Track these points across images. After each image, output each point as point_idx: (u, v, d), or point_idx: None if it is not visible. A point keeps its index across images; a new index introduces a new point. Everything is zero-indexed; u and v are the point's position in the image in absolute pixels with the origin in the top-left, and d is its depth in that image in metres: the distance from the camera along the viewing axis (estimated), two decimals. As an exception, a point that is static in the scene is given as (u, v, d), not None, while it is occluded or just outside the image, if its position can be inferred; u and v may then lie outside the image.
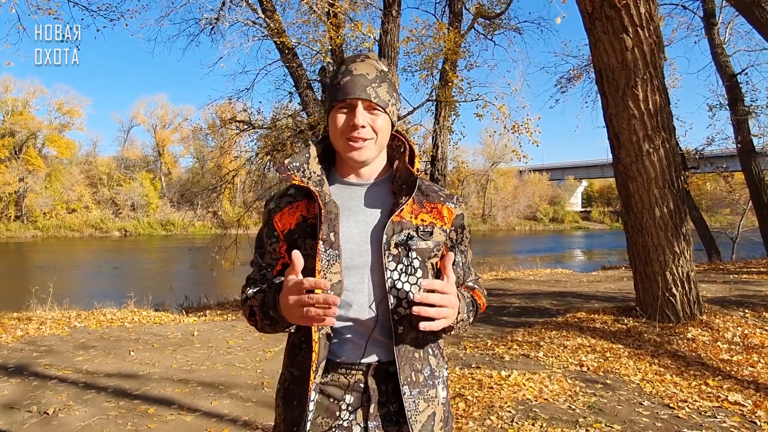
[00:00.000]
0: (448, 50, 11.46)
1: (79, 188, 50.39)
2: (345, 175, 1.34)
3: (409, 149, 1.36)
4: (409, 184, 1.30)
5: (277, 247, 1.32)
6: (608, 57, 5.02)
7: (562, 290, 8.52)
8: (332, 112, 1.27)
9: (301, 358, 1.27)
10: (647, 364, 4.41)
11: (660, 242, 5.37)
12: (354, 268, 1.25)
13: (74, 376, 4.30)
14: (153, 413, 3.56)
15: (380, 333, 1.26)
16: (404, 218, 1.28)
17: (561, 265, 19.70)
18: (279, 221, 1.31)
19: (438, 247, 1.32)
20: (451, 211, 1.35)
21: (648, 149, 5.16)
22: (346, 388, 1.26)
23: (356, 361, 1.26)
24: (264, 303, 1.22)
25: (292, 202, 1.31)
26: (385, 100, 1.26)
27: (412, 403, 1.25)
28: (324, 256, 1.21)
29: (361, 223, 1.28)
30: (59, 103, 53.73)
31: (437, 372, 1.34)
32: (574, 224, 62.81)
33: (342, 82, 1.24)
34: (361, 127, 1.23)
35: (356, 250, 1.26)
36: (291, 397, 1.28)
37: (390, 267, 1.24)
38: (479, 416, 3.39)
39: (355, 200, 1.31)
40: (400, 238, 1.26)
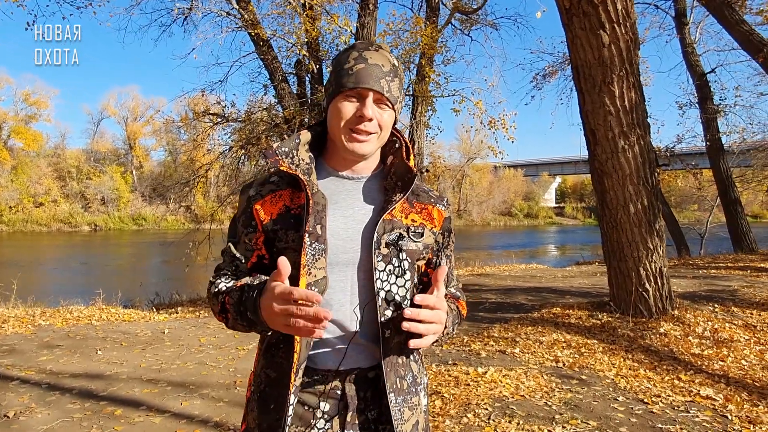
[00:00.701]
0: (425, 45, 11.41)
1: (46, 181, 48.98)
2: (335, 167, 1.26)
3: (404, 145, 1.30)
4: (405, 181, 1.23)
5: (254, 238, 1.22)
6: (585, 53, 5.03)
7: (537, 285, 8.58)
8: (338, 98, 1.17)
9: (279, 359, 1.18)
10: (621, 359, 4.45)
11: (634, 238, 5.42)
12: (337, 265, 1.18)
13: (37, 376, 4.13)
14: (120, 415, 3.44)
15: (363, 337, 1.19)
16: (395, 217, 1.22)
17: (535, 260, 19.91)
18: (260, 210, 1.21)
19: (426, 250, 1.27)
20: (441, 214, 1.30)
21: (623, 146, 5.19)
22: (321, 394, 1.19)
23: (334, 367, 1.19)
24: (241, 303, 1.13)
25: (275, 191, 1.22)
26: (395, 96, 1.20)
27: (398, 412, 1.18)
28: (309, 250, 1.13)
29: (348, 219, 1.21)
30: (26, 93, 52.08)
31: (419, 378, 1.29)
32: (548, 220, 63.66)
33: (355, 68, 1.15)
34: (368, 119, 1.15)
35: (342, 246, 1.18)
36: (267, 401, 1.19)
37: (379, 267, 1.18)
38: (456, 414, 3.35)
39: (344, 194, 1.24)
40: (391, 237, 1.20)
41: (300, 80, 13.48)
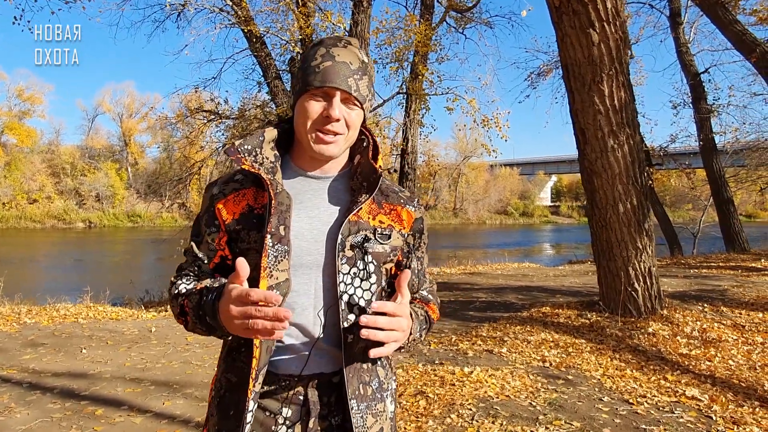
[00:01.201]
0: (418, 42, 11.38)
1: (40, 178, 48.73)
2: (301, 166, 1.22)
3: (372, 144, 1.26)
4: (371, 181, 1.20)
5: (217, 238, 1.19)
6: (575, 52, 5.00)
7: (528, 284, 8.57)
8: (304, 97, 1.13)
9: (240, 363, 1.15)
10: (608, 359, 4.44)
11: (623, 238, 5.41)
12: (301, 268, 1.14)
13: (19, 375, 4.09)
14: (101, 415, 3.40)
15: (326, 341, 1.15)
16: (362, 218, 1.18)
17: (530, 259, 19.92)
18: (222, 209, 1.18)
19: (394, 252, 1.23)
20: (411, 215, 1.26)
21: (613, 145, 5.18)
22: (283, 400, 1.16)
23: (296, 372, 1.15)
24: (200, 307, 1.10)
25: (238, 189, 1.18)
26: (364, 95, 1.16)
27: (360, 419, 1.15)
28: (271, 251, 1.09)
29: (313, 220, 1.17)
30: (19, 89, 51.76)
31: (386, 384, 1.25)
32: (544, 218, 63.76)
33: (322, 66, 1.11)
34: (335, 120, 1.12)
35: (306, 248, 1.15)
36: (227, 406, 1.16)
37: (343, 270, 1.14)
38: (440, 414, 3.33)
39: (310, 194, 1.20)
40: (357, 239, 1.16)
41: (294, 77, 13.45)
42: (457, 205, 59.51)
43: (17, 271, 17.63)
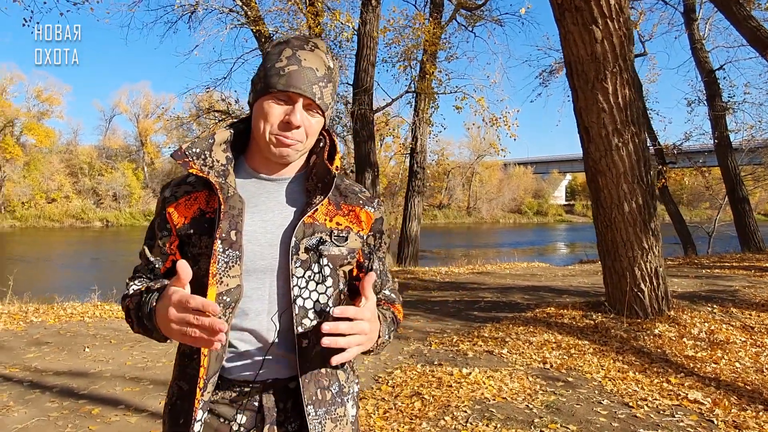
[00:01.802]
0: (426, 41, 11.34)
1: (59, 177, 49.49)
2: (256, 168, 1.19)
3: (329, 144, 1.23)
4: (325, 183, 1.16)
5: (168, 242, 1.17)
6: (578, 49, 4.93)
7: (536, 284, 8.49)
8: (265, 98, 1.10)
9: (191, 370, 1.13)
10: (611, 361, 4.36)
11: (629, 237, 5.32)
12: (254, 272, 1.12)
13: (21, 374, 4.14)
14: (97, 414, 3.42)
15: (281, 347, 1.13)
16: (317, 220, 1.15)
17: (543, 258, 19.76)
18: (173, 213, 1.15)
19: (352, 255, 1.20)
20: (370, 216, 1.23)
21: (617, 143, 5.09)
22: (238, 406, 1.14)
23: (251, 378, 1.13)
24: (140, 308, 1.08)
25: (190, 193, 1.16)
26: (327, 103, 1.13)
27: (318, 425, 1.13)
28: (222, 257, 1.07)
29: (267, 223, 1.14)
30: (38, 90, 52.59)
31: (346, 388, 1.22)
32: (558, 217, 63.25)
33: (287, 69, 1.08)
34: (296, 127, 1.09)
35: (259, 252, 1.12)
36: (178, 414, 1.14)
37: (297, 274, 1.12)
38: (434, 416, 3.30)
39: (264, 196, 1.17)
40: (311, 242, 1.13)
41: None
42: (471, 204, 59.26)
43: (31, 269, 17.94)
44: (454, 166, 56.18)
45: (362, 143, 11.39)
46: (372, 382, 3.98)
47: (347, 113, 12.90)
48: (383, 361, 4.50)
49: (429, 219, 53.97)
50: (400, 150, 14.90)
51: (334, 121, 14.09)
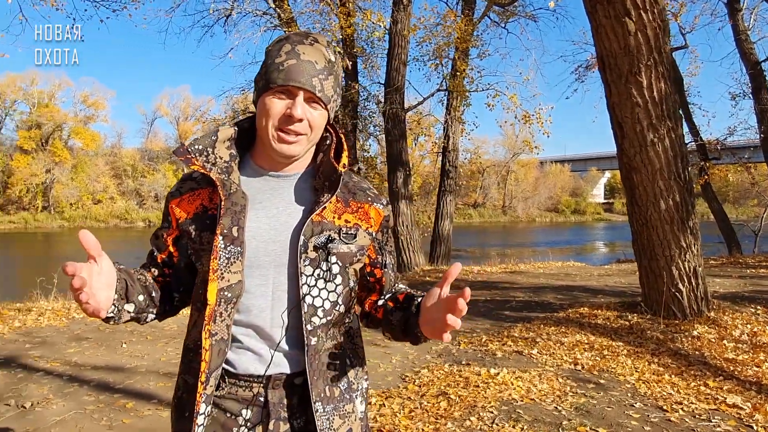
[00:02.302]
0: (458, 39, 11.24)
1: (104, 179, 51.32)
2: (261, 165, 1.20)
3: (336, 141, 1.23)
4: (332, 180, 1.16)
5: (166, 234, 1.20)
6: (610, 42, 4.80)
7: (570, 284, 8.32)
8: (266, 94, 1.10)
9: (195, 364, 1.13)
10: (646, 363, 4.24)
11: (665, 236, 5.16)
12: (258, 269, 1.13)
13: (61, 368, 4.30)
14: (131, 408, 3.52)
15: (288, 343, 1.14)
16: (326, 218, 1.15)
17: (580, 257, 19.34)
18: (176, 208, 1.18)
19: (361, 252, 1.20)
20: (379, 213, 1.23)
21: (653, 139, 4.94)
22: (244, 401, 1.15)
23: (257, 373, 1.14)
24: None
25: (194, 189, 1.18)
26: (328, 96, 1.13)
27: (326, 421, 1.13)
28: (223, 253, 1.09)
29: (272, 219, 1.15)
30: (84, 95, 54.76)
31: (355, 384, 1.22)
32: (596, 216, 61.81)
33: (286, 64, 1.08)
34: (298, 120, 1.09)
35: (263, 248, 1.13)
36: (184, 407, 1.16)
37: (306, 272, 1.12)
38: (459, 417, 3.27)
39: (269, 193, 1.18)
40: (320, 240, 1.13)
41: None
42: (506, 202, 58.55)
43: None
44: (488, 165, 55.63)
45: (394, 142, 11.39)
46: (399, 381, 3.97)
47: (379, 112, 12.93)
48: (411, 360, 4.48)
49: (463, 218, 53.57)
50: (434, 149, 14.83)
51: (367, 120, 14.15)
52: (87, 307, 0.97)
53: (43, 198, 48.68)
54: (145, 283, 1.18)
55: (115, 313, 1.08)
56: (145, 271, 1.22)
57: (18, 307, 6.45)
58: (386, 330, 1.28)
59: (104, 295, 1.01)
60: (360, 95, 13.08)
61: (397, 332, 1.24)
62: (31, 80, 51.60)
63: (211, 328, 1.09)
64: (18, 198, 47.70)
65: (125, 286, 1.10)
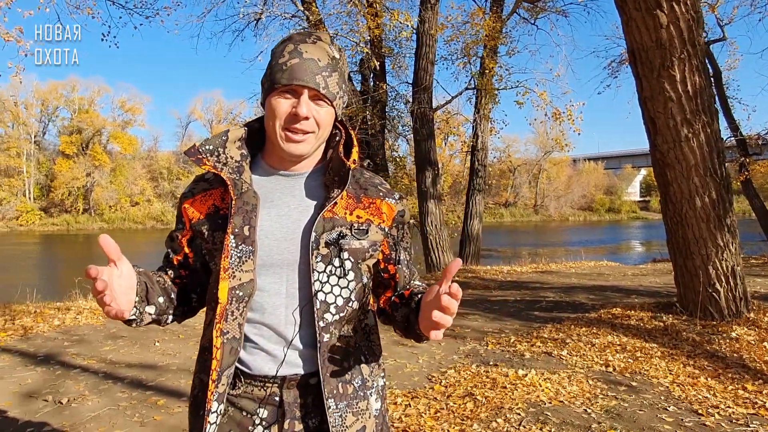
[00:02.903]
0: (486, 36, 11.14)
1: (141, 182, 52.77)
2: (272, 164, 1.21)
3: (345, 137, 1.23)
4: (341, 176, 1.16)
5: (181, 235, 1.22)
6: (641, 36, 4.68)
7: (602, 284, 8.14)
8: (272, 95, 1.11)
9: (209, 363, 1.14)
10: (681, 366, 4.11)
11: (701, 234, 4.99)
12: (271, 267, 1.13)
13: (97, 365, 4.43)
14: (162, 405, 3.60)
15: (301, 341, 1.14)
16: (337, 214, 1.15)
17: (614, 256, 18.93)
18: (188, 208, 1.20)
19: (374, 248, 1.19)
20: (392, 208, 1.22)
21: (687, 134, 4.79)
22: (259, 401, 1.15)
23: (271, 373, 1.14)
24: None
25: (206, 189, 1.20)
26: (333, 92, 1.12)
27: (338, 418, 1.13)
28: (235, 252, 1.10)
29: (283, 218, 1.15)
30: (122, 100, 56.46)
31: (370, 382, 1.22)
32: (632, 214, 60.34)
33: (289, 63, 1.09)
34: (304, 118, 1.09)
35: (275, 246, 1.13)
36: (199, 406, 1.17)
37: (318, 269, 1.12)
38: (486, 418, 3.23)
39: (280, 192, 1.18)
40: (331, 236, 1.13)
41: (364, 78, 13.61)
42: (538, 201, 57.71)
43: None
44: (520, 163, 54.98)
45: (422, 142, 11.35)
46: (425, 381, 3.95)
47: (407, 112, 12.91)
48: (437, 360, 4.46)
49: (494, 217, 53.05)
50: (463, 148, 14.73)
51: (396, 120, 14.14)
52: (109, 309, 0.98)
53: (84, 201, 50.37)
54: (164, 285, 1.20)
55: (136, 315, 1.10)
56: (162, 273, 1.24)
57: (58, 306, 6.68)
58: (394, 327, 1.27)
59: (126, 298, 1.03)
60: (388, 95, 13.09)
61: (401, 329, 1.23)
62: (72, 87, 53.55)
63: (222, 326, 1.10)
64: (60, 201, 49.49)
65: (145, 288, 1.12)
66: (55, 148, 53.13)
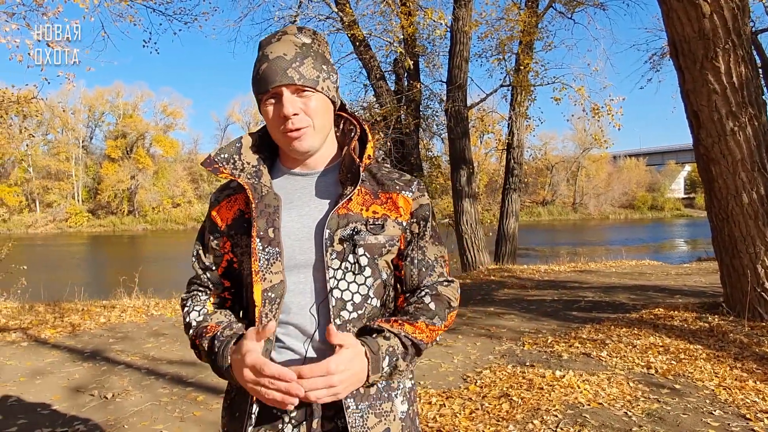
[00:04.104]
0: (522, 32, 10.97)
1: (182, 184, 54.21)
2: (289, 165, 1.22)
3: (360, 132, 1.23)
4: (354, 172, 1.16)
5: (221, 243, 1.21)
6: (683, 27, 4.52)
7: (644, 284, 7.91)
8: (261, 105, 1.14)
9: None
10: (727, 368, 3.95)
11: (749, 232, 4.79)
12: (296, 267, 1.13)
13: (140, 362, 4.57)
14: (201, 401, 3.69)
15: (321, 339, 1.13)
16: (352, 210, 1.14)
17: (657, 255, 18.37)
18: (216, 216, 1.21)
19: (391, 243, 1.17)
20: (408, 201, 1.19)
21: (732, 128, 4.60)
22: None
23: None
24: (212, 353, 1.11)
25: (231, 196, 1.21)
26: (312, 78, 1.11)
27: (359, 418, 1.12)
28: (262, 254, 1.10)
29: (304, 217, 1.16)
30: (164, 105, 58.15)
31: (395, 383, 1.20)
32: (676, 212, 58.32)
33: (261, 70, 1.10)
34: (293, 115, 1.09)
35: (298, 246, 1.13)
36: (235, 408, 1.19)
37: (333, 265, 1.11)
38: (522, 419, 3.19)
39: (299, 192, 1.19)
40: (345, 232, 1.12)
41: (398, 77, 13.62)
42: (577, 199, 56.50)
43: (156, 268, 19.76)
44: (557, 161, 53.95)
45: (456, 140, 11.28)
46: (460, 381, 3.93)
47: (442, 111, 12.85)
48: (473, 360, 4.42)
49: (531, 216, 52.22)
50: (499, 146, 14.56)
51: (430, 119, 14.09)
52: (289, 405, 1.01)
53: (129, 203, 52.09)
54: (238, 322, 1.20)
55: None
56: (218, 309, 1.23)
57: (104, 305, 6.94)
58: None
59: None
60: (422, 94, 13.05)
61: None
62: (117, 93, 55.47)
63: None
64: (107, 203, 51.35)
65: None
66: (101, 152, 55.17)
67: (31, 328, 5.71)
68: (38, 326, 5.80)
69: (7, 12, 6.56)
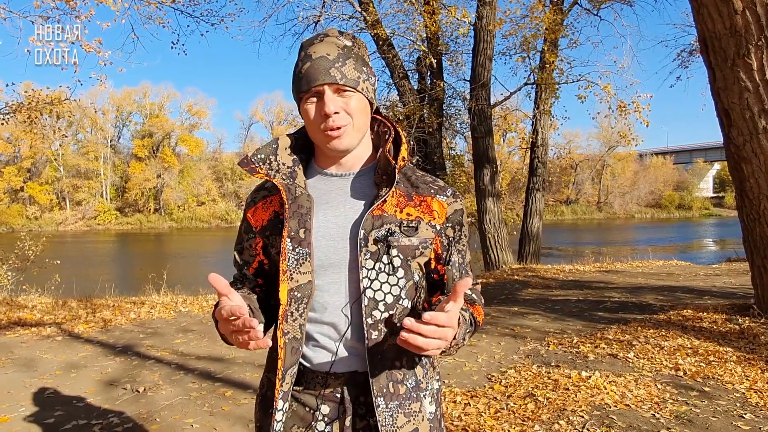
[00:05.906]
0: (546, 30, 10.86)
1: (207, 183, 54.98)
2: (324, 166, 1.24)
3: (394, 134, 1.25)
4: (389, 174, 1.17)
5: (254, 243, 1.25)
6: (713, 23, 4.44)
7: (672, 284, 7.78)
8: (301, 104, 1.16)
9: (275, 363, 1.18)
10: (759, 371, 3.88)
11: (782, 232, 4.69)
12: (330, 267, 1.16)
13: (170, 357, 4.68)
14: (229, 396, 3.77)
15: (355, 338, 1.16)
16: (387, 212, 1.16)
17: (685, 256, 18.00)
18: (252, 217, 1.25)
19: (424, 245, 1.18)
20: (443, 205, 1.21)
21: (765, 126, 4.50)
22: (320, 396, 1.19)
23: (327, 369, 1.17)
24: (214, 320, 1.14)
25: (266, 197, 1.24)
26: (353, 78, 1.13)
27: (389, 417, 1.13)
28: (292, 254, 1.13)
29: (339, 218, 1.18)
30: (189, 105, 59.05)
31: (424, 384, 1.21)
32: (705, 211, 57.00)
33: (303, 70, 1.13)
34: (334, 113, 1.12)
35: (332, 247, 1.15)
36: (267, 403, 1.21)
37: (367, 266, 1.13)
38: (547, 420, 3.18)
39: (334, 192, 1.21)
40: (380, 233, 1.14)
41: (421, 76, 13.61)
42: (601, 198, 55.66)
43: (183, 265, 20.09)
44: (581, 159, 53.24)
45: (480, 139, 11.22)
46: (485, 381, 3.93)
47: (465, 109, 12.80)
48: (497, 360, 4.42)
49: (555, 215, 51.63)
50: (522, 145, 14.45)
51: (453, 117, 14.05)
52: (256, 342, 0.99)
53: (155, 201, 53.05)
54: (257, 303, 1.23)
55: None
56: (247, 290, 1.27)
57: (133, 301, 7.10)
58: None
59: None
60: (445, 93, 13.02)
61: None
62: (144, 93, 56.52)
63: (283, 327, 1.13)
64: (134, 201, 52.39)
65: (251, 311, 1.16)
66: (128, 151, 56.29)
67: (65, 323, 5.88)
68: (72, 321, 5.97)
69: (42, 16, 6.74)
